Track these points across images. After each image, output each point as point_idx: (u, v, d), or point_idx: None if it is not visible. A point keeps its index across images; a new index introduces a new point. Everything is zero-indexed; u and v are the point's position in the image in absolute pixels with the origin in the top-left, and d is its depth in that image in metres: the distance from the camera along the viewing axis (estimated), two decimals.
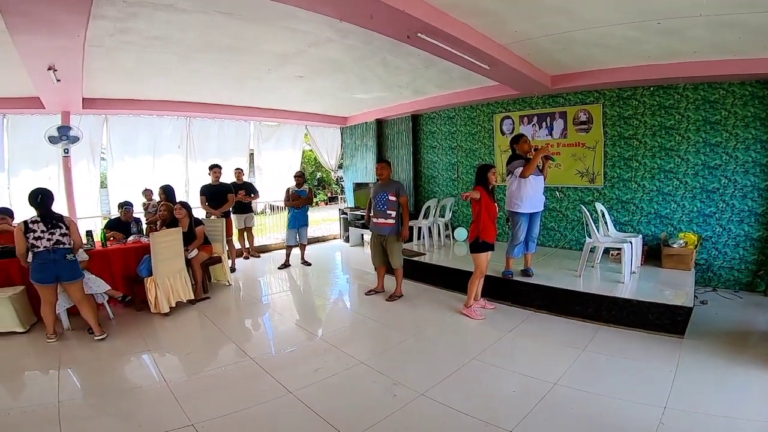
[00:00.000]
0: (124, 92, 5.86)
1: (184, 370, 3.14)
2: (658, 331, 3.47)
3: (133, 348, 3.48)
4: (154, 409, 2.56)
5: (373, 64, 4.98)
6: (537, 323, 3.86)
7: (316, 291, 5.49)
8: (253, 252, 7.17)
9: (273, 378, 2.89)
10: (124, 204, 5.24)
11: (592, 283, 4.22)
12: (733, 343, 3.26)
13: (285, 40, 4.07)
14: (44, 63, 3.72)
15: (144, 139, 6.77)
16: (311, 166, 18.07)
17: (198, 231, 4.77)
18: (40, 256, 3.35)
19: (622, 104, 5.24)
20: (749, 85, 4.41)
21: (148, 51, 4.16)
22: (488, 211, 3.84)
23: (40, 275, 3.38)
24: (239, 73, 5.18)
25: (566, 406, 2.47)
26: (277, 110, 7.69)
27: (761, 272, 4.50)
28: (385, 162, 4.60)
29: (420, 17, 2.99)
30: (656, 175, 5.07)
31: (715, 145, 4.64)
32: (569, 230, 5.88)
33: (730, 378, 2.72)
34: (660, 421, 2.24)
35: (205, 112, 6.99)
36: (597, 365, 3.02)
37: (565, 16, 3.37)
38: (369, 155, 8.35)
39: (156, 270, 4.13)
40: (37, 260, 3.35)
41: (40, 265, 3.36)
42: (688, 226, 4.88)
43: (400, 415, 2.42)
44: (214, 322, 4.10)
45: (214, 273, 5.41)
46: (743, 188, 4.53)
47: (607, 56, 4.41)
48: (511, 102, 6.27)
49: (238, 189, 6.44)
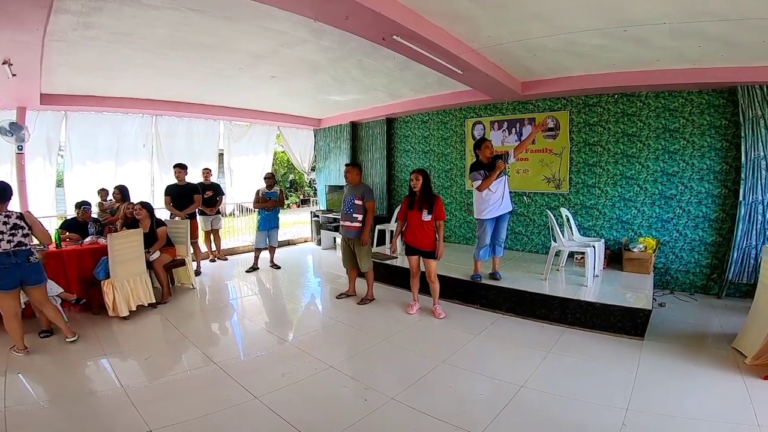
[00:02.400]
0: (87, 88, 5.61)
1: (143, 375, 3.00)
2: (620, 333, 3.58)
3: (88, 353, 3.30)
4: (110, 415, 2.45)
5: (349, 66, 4.96)
6: (505, 326, 3.91)
7: (287, 294, 5.38)
8: (220, 255, 6.97)
9: (238, 383, 2.80)
10: (82, 203, 4.98)
11: (557, 286, 4.31)
12: (690, 344, 3.40)
13: (259, 40, 3.99)
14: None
15: (106, 137, 6.47)
16: (283, 168, 17.81)
17: (160, 232, 4.59)
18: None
19: (588, 111, 5.42)
20: (706, 94, 4.64)
21: (113, 47, 4.00)
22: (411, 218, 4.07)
23: (3, 281, 3.06)
24: (210, 71, 5.05)
25: (533, 408, 2.50)
26: (248, 110, 7.54)
27: (714, 275, 4.74)
28: (353, 165, 4.57)
29: (396, 19, 3.00)
30: (618, 181, 5.26)
31: (673, 152, 4.87)
32: (536, 234, 6.02)
33: (688, 379, 2.82)
34: (623, 422, 2.30)
35: (172, 110, 6.76)
36: (562, 367, 3.08)
37: (539, 23, 3.45)
38: (343, 158, 8.29)
39: (114, 272, 3.94)
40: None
41: (1, 270, 3.04)
42: (647, 231, 5.09)
43: (370, 419, 2.39)
44: (177, 326, 3.94)
45: (178, 276, 5.23)
46: (698, 195, 4.76)
47: (575, 64, 4.55)
48: (483, 107, 6.38)
49: (205, 190, 6.26)
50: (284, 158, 17.12)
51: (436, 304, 4.16)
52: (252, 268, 6.19)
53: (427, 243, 3.98)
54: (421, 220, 3.95)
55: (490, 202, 4.25)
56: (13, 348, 3.21)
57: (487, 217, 4.30)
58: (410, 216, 4.04)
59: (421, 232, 3.98)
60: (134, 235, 4.24)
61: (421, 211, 3.94)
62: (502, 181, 4.28)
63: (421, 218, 3.95)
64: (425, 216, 3.93)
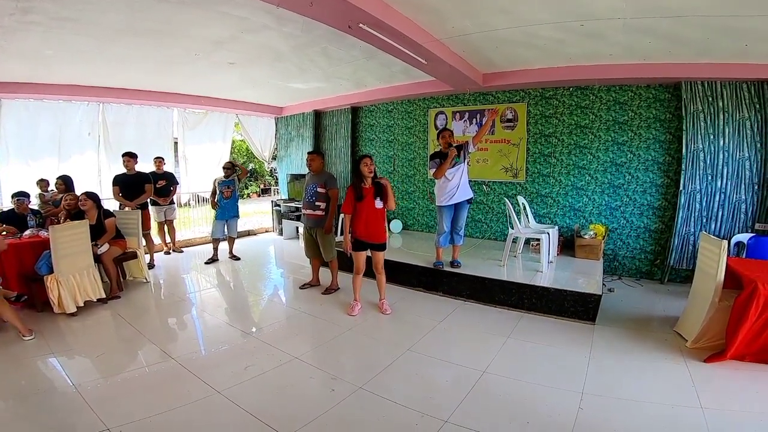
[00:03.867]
0: (25, 75, 5.19)
1: (97, 373, 2.83)
2: (573, 317, 3.77)
3: (33, 351, 3.09)
4: (64, 414, 2.31)
5: (313, 54, 4.84)
6: (466, 312, 4.02)
7: (248, 286, 5.25)
8: (175, 247, 6.68)
9: (199, 378, 2.72)
10: (18, 194, 4.59)
11: (515, 272, 4.46)
12: (637, 328, 3.62)
13: (217, 25, 3.81)
14: None
15: (47, 125, 6.02)
16: (242, 157, 17.23)
17: (108, 223, 4.33)
18: None
19: (545, 103, 5.62)
20: (653, 89, 4.92)
21: (56, 33, 3.73)
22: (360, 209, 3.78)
23: None
24: (164, 58, 4.79)
25: (495, 393, 2.59)
26: (205, 97, 7.20)
27: (657, 261, 5.09)
28: (315, 153, 4.50)
29: (362, 7, 2.94)
30: (571, 171, 5.51)
31: (621, 143, 5.15)
32: (494, 222, 6.21)
33: (636, 363, 3.00)
34: (579, 406, 2.42)
35: (121, 97, 6.37)
36: (521, 352, 3.20)
37: (502, 15, 3.50)
38: (305, 146, 8.13)
39: (58, 267, 3.69)
40: None
41: None
42: (597, 218, 5.38)
43: (339, 409, 2.39)
44: (131, 322, 3.75)
45: (130, 269, 4.96)
46: (644, 184, 5.08)
47: (534, 56, 4.68)
48: (446, 98, 6.45)
49: (158, 179, 5.96)
50: (243, 147, 16.55)
51: (384, 299, 4.00)
52: (211, 259, 6.00)
53: (382, 234, 3.82)
54: (376, 210, 3.74)
55: (446, 190, 4.33)
56: None
57: (445, 204, 4.37)
58: (361, 207, 3.73)
59: (375, 223, 3.77)
60: (79, 227, 3.97)
61: (375, 199, 3.72)
62: (460, 169, 4.34)
63: (374, 207, 3.73)
64: (378, 204, 3.74)
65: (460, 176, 4.34)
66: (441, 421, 2.28)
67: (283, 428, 2.19)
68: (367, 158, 3.71)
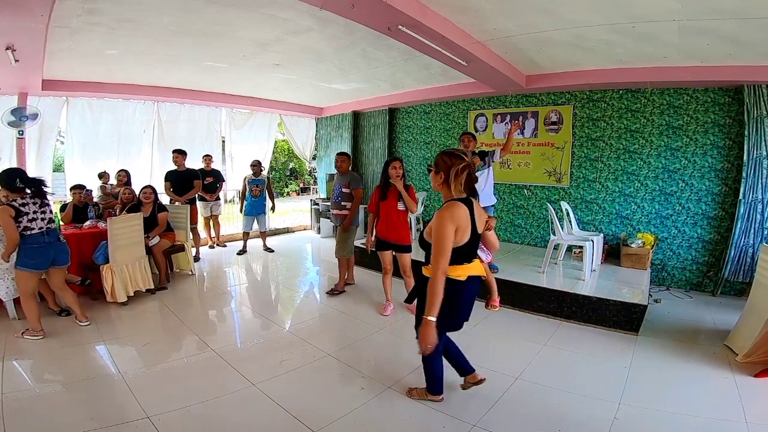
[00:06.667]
0: (89, 75, 5.58)
1: (141, 362, 3.01)
2: (615, 327, 3.61)
3: (86, 338, 3.32)
4: (107, 401, 2.46)
5: (353, 56, 4.92)
6: (502, 318, 3.93)
7: (285, 282, 5.40)
8: (219, 241, 6.98)
9: (236, 370, 2.83)
10: (77, 187, 4.95)
11: (554, 279, 4.33)
12: (683, 340, 3.43)
13: (263, 27, 3.96)
14: (2, 42, 3.48)
15: (107, 122, 6.47)
16: (284, 156, 17.74)
17: (161, 217, 4.59)
18: (33, 239, 3.00)
19: (592, 106, 5.39)
20: (712, 92, 4.61)
21: (117, 33, 3.99)
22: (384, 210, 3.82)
23: (36, 261, 3.01)
24: (214, 58, 5.02)
25: (527, 400, 2.53)
26: (250, 98, 7.49)
27: (710, 273, 4.76)
28: (344, 154, 4.57)
29: (402, 9, 2.97)
30: (619, 176, 5.25)
31: (675, 149, 4.85)
32: (535, 227, 6.03)
33: (679, 374, 2.86)
34: (615, 416, 2.33)
35: (174, 96, 6.75)
36: (557, 360, 3.11)
37: (547, 16, 3.41)
38: (343, 147, 8.26)
39: (113, 257, 3.94)
40: (29, 245, 3.00)
41: (34, 249, 3.00)
42: (646, 227, 5.10)
43: (367, 408, 2.42)
44: (175, 312, 3.96)
45: (177, 262, 5.24)
46: (698, 192, 4.76)
47: (581, 58, 4.51)
48: (486, 100, 6.34)
49: (205, 176, 6.26)
50: (285, 146, 17.04)
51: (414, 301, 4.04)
52: (241, 251, 6.43)
53: (404, 235, 3.82)
54: (398, 211, 3.78)
55: None
56: (27, 332, 3.18)
57: None
58: (384, 207, 3.81)
59: (397, 223, 3.80)
60: (134, 220, 4.24)
61: (398, 201, 3.76)
62: (483, 176, 4.25)
63: (397, 209, 3.77)
64: (400, 206, 3.76)
65: (484, 182, 4.27)
66: (469, 424, 2.26)
67: (312, 424, 2.24)
68: (397, 161, 3.76)
